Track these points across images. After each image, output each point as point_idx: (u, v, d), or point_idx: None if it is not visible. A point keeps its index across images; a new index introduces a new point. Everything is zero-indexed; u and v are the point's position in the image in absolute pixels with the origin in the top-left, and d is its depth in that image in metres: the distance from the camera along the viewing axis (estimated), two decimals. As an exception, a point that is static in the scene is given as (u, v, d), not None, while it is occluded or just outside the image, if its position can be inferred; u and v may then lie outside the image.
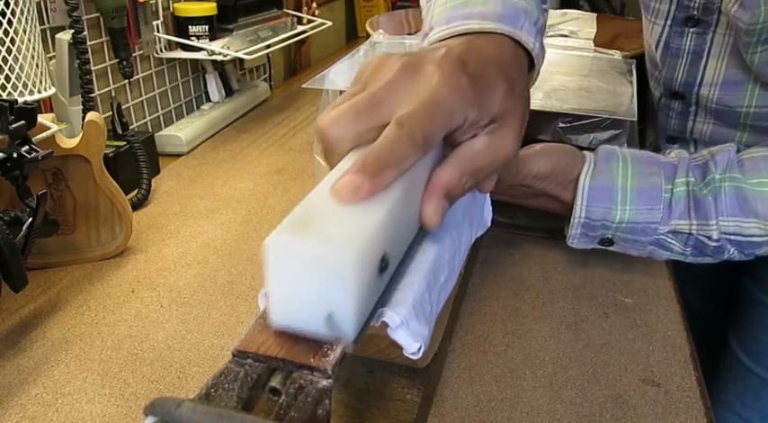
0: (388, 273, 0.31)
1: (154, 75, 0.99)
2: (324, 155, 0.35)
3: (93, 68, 0.83)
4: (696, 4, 0.60)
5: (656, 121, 0.73)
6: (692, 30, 0.62)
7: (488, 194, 0.50)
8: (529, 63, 0.44)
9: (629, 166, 0.53)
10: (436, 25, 0.44)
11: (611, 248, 0.56)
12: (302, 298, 0.27)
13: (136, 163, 0.80)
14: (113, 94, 0.90)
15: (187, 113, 1.07)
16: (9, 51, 0.60)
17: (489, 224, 0.50)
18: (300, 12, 1.28)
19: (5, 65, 0.60)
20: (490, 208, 0.50)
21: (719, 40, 0.60)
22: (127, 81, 0.89)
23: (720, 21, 0.59)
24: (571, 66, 0.74)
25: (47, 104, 0.74)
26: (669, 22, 0.64)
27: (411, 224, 0.34)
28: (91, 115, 0.62)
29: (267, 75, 1.33)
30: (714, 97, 0.63)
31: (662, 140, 0.73)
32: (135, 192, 0.80)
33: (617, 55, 0.77)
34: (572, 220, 0.54)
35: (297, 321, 0.28)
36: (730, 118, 0.63)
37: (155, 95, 1.00)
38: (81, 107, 0.76)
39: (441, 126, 0.33)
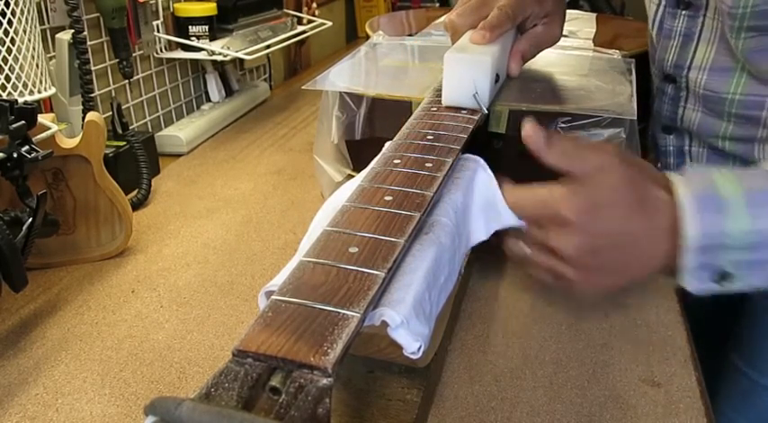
0: (497, 85, 0.59)
1: (154, 75, 0.99)
2: (450, 36, 0.62)
3: (93, 68, 0.83)
4: None
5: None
6: (683, 12, 0.63)
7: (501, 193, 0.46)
8: None
9: (719, 171, 0.44)
10: None
11: (730, 286, 0.43)
12: (461, 85, 0.53)
13: (136, 163, 0.80)
14: (113, 94, 0.90)
15: (187, 113, 1.07)
16: (9, 51, 0.60)
17: (507, 222, 0.47)
18: (300, 12, 1.28)
19: (5, 65, 0.60)
20: (506, 207, 0.46)
21: (710, 24, 0.61)
22: (127, 81, 0.90)
23: (710, 5, 0.60)
24: (570, 65, 0.74)
25: (47, 104, 0.74)
26: (664, 2, 0.65)
27: (503, 71, 0.61)
28: (91, 115, 0.62)
29: (267, 75, 1.33)
30: (702, 82, 0.63)
31: (657, 130, 0.73)
32: (135, 192, 0.80)
33: (616, 54, 0.77)
34: (684, 244, 0.41)
35: (457, 100, 0.54)
36: (717, 106, 0.63)
37: (155, 95, 1.00)
38: (81, 107, 0.76)
39: (520, 11, 0.60)
